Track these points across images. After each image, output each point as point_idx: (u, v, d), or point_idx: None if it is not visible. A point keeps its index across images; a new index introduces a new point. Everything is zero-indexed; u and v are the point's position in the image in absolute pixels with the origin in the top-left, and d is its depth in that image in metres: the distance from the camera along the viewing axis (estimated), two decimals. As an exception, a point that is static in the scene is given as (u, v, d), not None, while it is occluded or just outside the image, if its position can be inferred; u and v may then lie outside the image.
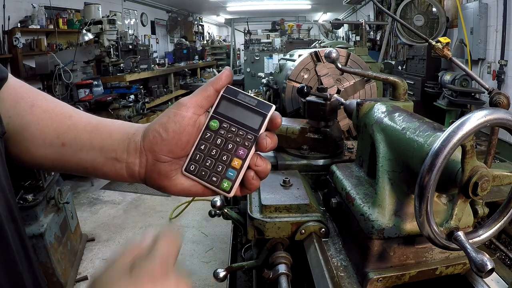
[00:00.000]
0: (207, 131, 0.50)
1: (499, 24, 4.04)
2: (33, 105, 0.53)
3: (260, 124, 0.50)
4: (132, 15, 9.31)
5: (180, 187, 0.51)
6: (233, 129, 0.50)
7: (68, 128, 0.52)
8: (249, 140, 0.50)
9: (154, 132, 0.49)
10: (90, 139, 0.52)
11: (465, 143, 0.64)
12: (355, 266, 0.93)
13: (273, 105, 0.51)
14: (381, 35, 7.79)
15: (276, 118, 0.51)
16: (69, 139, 0.52)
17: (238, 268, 1.13)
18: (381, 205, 0.87)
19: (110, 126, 0.53)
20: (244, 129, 0.50)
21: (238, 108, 0.51)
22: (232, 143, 0.50)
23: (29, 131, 0.52)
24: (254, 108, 0.51)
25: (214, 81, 0.51)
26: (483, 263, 0.60)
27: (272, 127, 0.51)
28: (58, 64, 4.66)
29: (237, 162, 0.50)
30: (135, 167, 0.51)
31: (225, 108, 0.51)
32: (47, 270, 2.59)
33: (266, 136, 0.50)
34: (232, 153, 0.50)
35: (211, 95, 0.51)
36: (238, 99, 0.51)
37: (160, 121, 0.50)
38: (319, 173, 1.42)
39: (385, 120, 1.00)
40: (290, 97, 2.00)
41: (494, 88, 1.06)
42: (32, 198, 2.56)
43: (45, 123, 0.52)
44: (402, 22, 1.49)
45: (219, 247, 3.42)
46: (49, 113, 0.53)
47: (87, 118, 0.55)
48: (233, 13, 14.02)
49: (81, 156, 0.52)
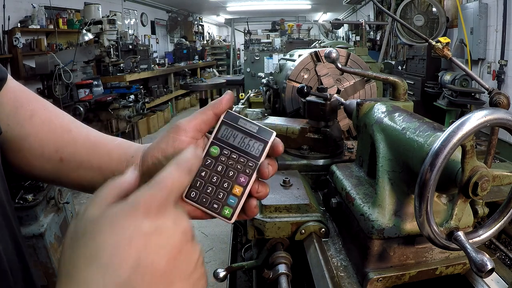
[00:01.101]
0: (208, 158, 0.50)
1: (499, 24, 4.04)
2: (33, 114, 0.52)
3: (261, 151, 0.50)
4: (132, 15, 9.31)
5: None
6: (234, 156, 0.50)
7: (67, 143, 0.52)
8: (250, 168, 0.50)
9: (153, 158, 0.49)
10: (88, 157, 0.51)
11: (465, 143, 0.64)
12: (355, 266, 0.93)
13: (273, 132, 0.51)
14: (381, 35, 7.79)
15: (277, 145, 0.50)
16: (67, 155, 0.51)
17: (238, 268, 1.13)
18: (381, 205, 0.87)
19: (108, 145, 0.53)
20: (245, 156, 0.50)
21: (239, 135, 0.51)
22: (233, 170, 0.50)
23: (28, 142, 0.51)
24: (255, 134, 0.51)
25: (214, 105, 0.51)
26: (483, 263, 0.60)
27: (273, 154, 0.51)
28: (58, 64, 4.66)
29: (238, 190, 0.50)
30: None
31: (225, 134, 0.51)
32: (47, 270, 2.59)
33: (268, 164, 0.50)
34: (233, 180, 0.50)
35: (210, 119, 0.50)
36: (238, 125, 0.51)
37: (159, 147, 0.49)
38: (319, 173, 1.42)
39: (385, 120, 1.00)
40: (290, 97, 2.00)
41: (494, 88, 1.06)
42: (32, 198, 2.56)
43: (44, 135, 0.52)
44: (402, 22, 1.49)
45: (219, 247, 3.42)
46: (48, 124, 0.52)
47: (86, 133, 0.54)
48: (233, 13, 14.02)
49: (79, 173, 0.51)
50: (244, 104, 2.59)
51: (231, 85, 9.02)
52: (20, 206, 2.50)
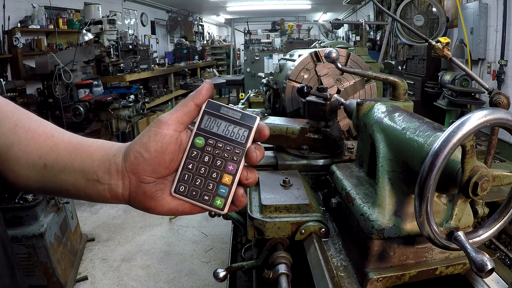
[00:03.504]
0: (193, 149, 0.49)
1: (499, 24, 4.04)
2: (17, 124, 0.52)
3: (246, 137, 0.50)
4: (132, 15, 9.31)
5: (167, 207, 0.50)
6: (219, 145, 0.50)
7: (50, 149, 0.51)
8: (237, 155, 0.49)
9: (135, 153, 0.48)
10: (70, 160, 0.51)
11: (465, 143, 0.64)
12: (355, 266, 0.93)
13: (257, 117, 0.51)
14: (381, 35, 7.79)
15: (263, 129, 0.50)
16: (50, 160, 0.51)
17: (238, 268, 1.13)
18: (381, 205, 0.87)
19: (91, 147, 0.52)
20: (231, 144, 0.50)
21: (222, 123, 0.50)
22: (221, 159, 0.49)
23: (12, 151, 0.51)
24: (239, 121, 0.50)
25: (194, 96, 0.50)
26: (483, 263, 0.60)
27: (259, 139, 0.51)
28: (58, 64, 4.65)
29: (227, 178, 0.49)
30: (118, 189, 0.50)
31: (209, 124, 0.50)
32: (47, 270, 2.60)
33: (255, 149, 0.50)
34: (222, 170, 0.49)
35: (192, 110, 0.50)
36: (221, 113, 0.51)
37: (140, 141, 0.49)
38: (319, 173, 1.42)
39: (385, 120, 1.00)
40: (290, 97, 2.00)
41: (494, 88, 1.06)
42: (32, 198, 2.56)
43: (27, 143, 0.51)
44: (402, 22, 1.49)
45: (219, 247, 3.42)
46: (32, 133, 0.52)
47: (68, 138, 0.53)
48: (233, 13, 14.01)
49: (62, 177, 0.51)
50: (244, 104, 2.60)
51: (231, 85, 9.02)
52: (20, 206, 2.50)
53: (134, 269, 3.12)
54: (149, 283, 2.94)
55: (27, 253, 2.52)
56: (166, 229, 3.77)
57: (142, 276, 3.03)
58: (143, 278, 3.00)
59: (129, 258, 3.27)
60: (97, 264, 3.18)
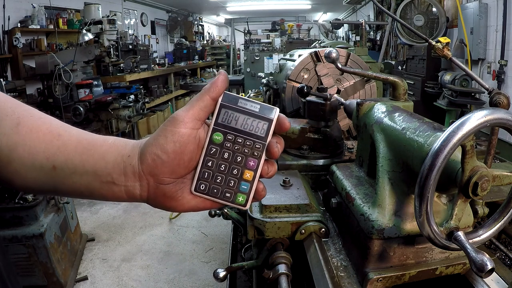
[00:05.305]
0: (212, 146, 0.47)
1: (499, 24, 4.04)
2: (19, 123, 0.48)
3: (266, 130, 0.47)
4: (132, 15, 9.31)
5: (188, 206, 0.49)
6: (239, 140, 0.47)
7: (58, 150, 0.48)
8: (258, 150, 0.47)
9: (152, 155, 0.46)
10: (82, 162, 0.48)
11: (465, 143, 0.64)
12: (355, 266, 0.93)
13: (277, 108, 0.48)
14: (381, 35, 7.79)
15: (283, 121, 0.48)
16: (60, 162, 0.48)
17: (238, 268, 1.13)
18: (381, 205, 0.87)
19: (102, 146, 0.49)
20: (251, 139, 0.47)
21: (240, 116, 0.48)
22: (241, 155, 0.47)
23: (16, 153, 0.48)
24: (258, 114, 0.48)
25: (209, 89, 0.47)
26: (483, 263, 0.60)
27: (280, 131, 0.48)
28: (58, 64, 4.66)
29: (249, 174, 0.48)
30: (135, 190, 0.48)
31: (226, 118, 0.48)
32: (47, 270, 2.60)
33: (276, 142, 0.48)
34: (242, 166, 0.47)
35: (208, 105, 0.47)
36: (238, 106, 0.48)
37: (157, 142, 0.46)
38: (319, 173, 1.42)
39: (385, 120, 1.00)
40: (290, 97, 2.00)
41: (494, 88, 1.06)
42: (32, 198, 2.56)
43: (32, 144, 0.48)
44: (402, 22, 1.49)
45: (219, 247, 3.42)
46: (36, 132, 0.49)
47: (76, 136, 0.50)
48: (233, 13, 14.01)
49: (74, 180, 0.48)
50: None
51: (231, 85, 9.02)
52: (20, 206, 2.50)
53: (134, 269, 3.12)
54: (149, 283, 2.94)
55: (27, 253, 2.52)
56: (166, 229, 3.77)
57: (142, 276, 3.03)
58: (143, 278, 3.00)
59: (129, 258, 3.27)
60: (97, 264, 3.18)
